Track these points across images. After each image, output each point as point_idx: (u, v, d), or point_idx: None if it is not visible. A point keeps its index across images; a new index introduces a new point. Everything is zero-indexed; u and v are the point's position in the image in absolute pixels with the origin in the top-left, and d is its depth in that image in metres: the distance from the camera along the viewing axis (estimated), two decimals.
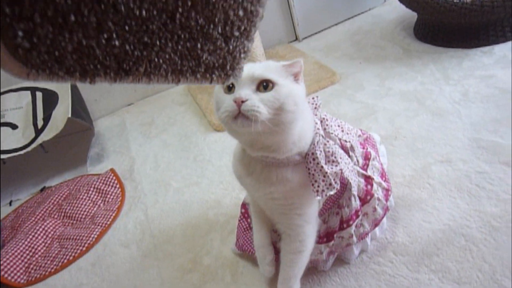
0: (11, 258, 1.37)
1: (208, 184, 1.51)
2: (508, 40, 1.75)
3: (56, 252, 1.42)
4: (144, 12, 0.43)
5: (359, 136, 1.11)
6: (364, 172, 1.01)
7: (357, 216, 0.98)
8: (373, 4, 2.52)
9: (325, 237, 0.99)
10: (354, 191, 0.97)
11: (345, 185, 0.97)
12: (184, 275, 1.19)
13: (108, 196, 1.60)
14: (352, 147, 0.99)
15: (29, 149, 1.65)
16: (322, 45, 2.28)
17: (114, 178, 1.66)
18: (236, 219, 1.20)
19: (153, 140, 1.89)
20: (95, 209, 1.57)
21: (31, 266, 1.38)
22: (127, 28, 0.42)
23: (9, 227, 1.58)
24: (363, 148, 1.06)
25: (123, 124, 2.10)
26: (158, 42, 0.45)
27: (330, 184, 0.83)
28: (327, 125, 0.92)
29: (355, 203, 0.97)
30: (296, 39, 2.45)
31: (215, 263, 1.20)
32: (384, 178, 1.08)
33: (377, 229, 1.06)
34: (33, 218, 1.54)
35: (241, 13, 0.51)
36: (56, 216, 1.55)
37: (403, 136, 1.42)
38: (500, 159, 1.22)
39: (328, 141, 0.86)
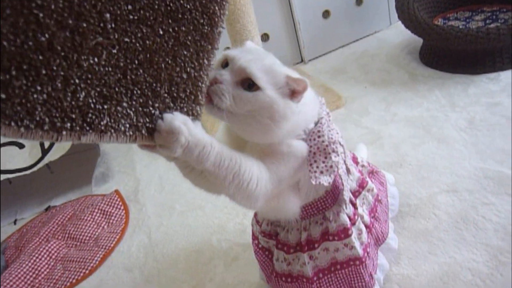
0: (14, 280, 1.37)
1: (211, 208, 1.51)
2: None
3: (59, 274, 1.42)
4: (101, 68, 0.49)
5: (363, 166, 1.09)
6: (351, 197, 0.95)
7: (346, 235, 0.89)
8: (379, 27, 2.54)
9: (305, 245, 0.91)
10: (346, 197, 0.89)
11: (336, 197, 0.89)
12: None
13: (112, 218, 1.60)
14: (348, 170, 0.95)
15: (35, 169, 1.66)
16: (328, 67, 2.29)
17: (118, 199, 1.67)
18: (239, 246, 1.19)
19: (158, 161, 1.89)
20: (99, 231, 1.57)
21: None
22: (88, 81, 0.48)
23: (13, 247, 1.58)
24: (361, 174, 1.02)
25: (129, 144, 2.11)
26: (115, 95, 0.51)
27: (331, 166, 0.77)
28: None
29: (344, 218, 0.89)
30: (302, 61, 2.46)
31: None
32: (372, 215, 1.01)
33: None
34: (37, 239, 1.54)
35: (184, 76, 0.58)
36: (60, 237, 1.55)
37: (409, 164, 1.42)
38: (507, 191, 1.21)
39: (333, 129, 0.81)
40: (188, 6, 0.59)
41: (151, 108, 0.55)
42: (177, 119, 0.57)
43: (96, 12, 0.48)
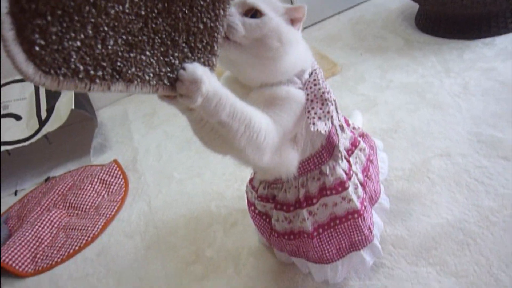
0: (18, 248, 1.40)
1: (210, 176, 1.53)
2: (509, 31, 1.75)
3: (62, 242, 1.45)
4: (126, 16, 0.51)
5: (354, 128, 1.10)
6: (346, 155, 0.97)
7: (343, 188, 0.92)
8: None
9: (304, 201, 0.93)
10: (342, 148, 0.93)
11: (331, 151, 0.92)
12: (187, 267, 1.22)
13: (112, 187, 1.63)
14: (342, 126, 0.97)
15: (33, 140, 1.67)
16: (323, 35, 2.28)
17: (117, 169, 1.69)
18: (238, 212, 1.22)
19: (156, 130, 1.90)
20: (99, 199, 1.60)
21: (38, 255, 1.41)
22: (116, 29, 0.50)
23: (15, 217, 1.61)
24: (353, 134, 1.04)
25: (126, 114, 2.12)
26: (139, 44, 0.53)
27: (328, 112, 0.80)
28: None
29: (341, 171, 0.92)
30: None
31: (217, 255, 1.23)
32: (365, 174, 1.03)
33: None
34: (38, 208, 1.56)
35: (201, 26, 0.60)
36: (61, 207, 1.58)
37: (403, 129, 1.44)
38: (499, 154, 1.23)
39: (324, 81, 0.84)
40: None
41: (171, 58, 0.57)
42: (199, 69, 0.58)
43: None
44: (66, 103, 1.72)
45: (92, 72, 0.48)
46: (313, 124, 0.79)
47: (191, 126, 0.76)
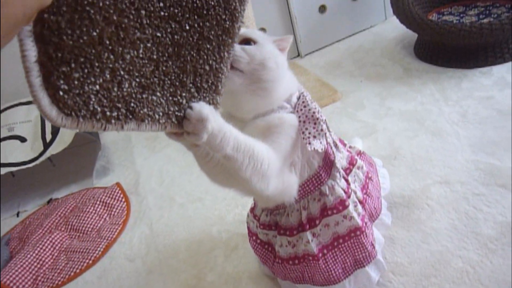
0: (19, 270, 1.41)
1: (211, 200, 1.55)
2: (506, 61, 1.80)
3: (63, 264, 1.45)
4: (140, 60, 0.55)
5: (350, 147, 1.13)
6: (344, 174, 0.99)
7: (344, 207, 0.95)
8: (374, 22, 2.57)
9: (307, 224, 0.95)
10: (340, 168, 0.95)
11: (329, 170, 0.95)
12: None
13: (114, 209, 1.64)
14: (336, 144, 1.00)
15: (37, 162, 1.69)
16: (323, 62, 2.33)
17: (119, 192, 1.70)
18: (239, 236, 1.23)
19: (158, 154, 1.92)
20: (101, 222, 1.61)
21: (39, 278, 1.42)
22: (130, 73, 0.54)
23: (17, 238, 1.62)
24: (349, 153, 1.06)
25: (128, 137, 2.14)
26: (151, 85, 0.57)
27: (322, 130, 0.84)
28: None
29: (340, 190, 0.95)
30: (299, 55, 2.50)
31: (218, 279, 1.23)
32: (364, 191, 1.05)
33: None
34: (40, 230, 1.57)
35: (207, 67, 0.64)
36: (63, 229, 1.59)
37: (403, 156, 1.46)
38: (497, 182, 1.25)
39: (313, 102, 0.88)
40: (212, 3, 0.64)
41: (179, 97, 0.61)
42: (205, 108, 0.62)
43: (134, 9, 0.54)
44: None
45: (108, 113, 0.51)
46: (309, 144, 0.82)
47: (197, 162, 0.79)
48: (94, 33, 0.48)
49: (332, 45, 2.51)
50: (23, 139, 1.76)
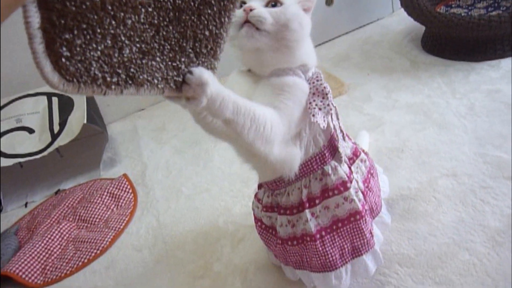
0: (28, 259, 1.42)
1: (218, 191, 1.56)
2: None
3: (71, 254, 1.47)
4: (141, 25, 0.55)
5: (355, 143, 1.13)
6: (347, 161, 1.00)
7: (345, 188, 0.95)
8: (382, 14, 2.56)
9: (306, 202, 0.96)
10: (342, 151, 0.95)
11: (333, 152, 0.96)
12: (195, 282, 1.24)
13: (121, 200, 1.65)
14: (342, 133, 1.00)
15: (45, 153, 1.70)
16: (331, 54, 2.32)
17: (126, 183, 1.71)
18: (246, 227, 1.24)
19: (165, 146, 1.93)
20: (108, 213, 1.62)
21: (48, 267, 1.43)
22: (131, 38, 0.54)
23: (26, 229, 1.63)
24: (354, 144, 1.07)
25: (135, 129, 2.15)
26: (151, 51, 0.57)
27: (328, 105, 0.85)
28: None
29: (343, 172, 0.95)
30: None
31: (225, 270, 1.24)
32: (366, 184, 1.05)
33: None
34: (48, 221, 1.59)
35: (207, 33, 0.64)
36: (71, 219, 1.60)
37: (410, 149, 1.46)
38: (504, 174, 1.25)
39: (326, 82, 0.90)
40: None
41: (178, 63, 0.61)
42: (205, 73, 0.62)
43: None
44: (78, 117, 1.75)
45: (108, 79, 0.52)
46: (313, 115, 0.83)
47: (193, 117, 0.83)
48: None
49: (339, 37, 2.50)
50: (31, 130, 1.77)
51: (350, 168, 1.00)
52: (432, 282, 1.04)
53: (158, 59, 0.58)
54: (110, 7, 0.50)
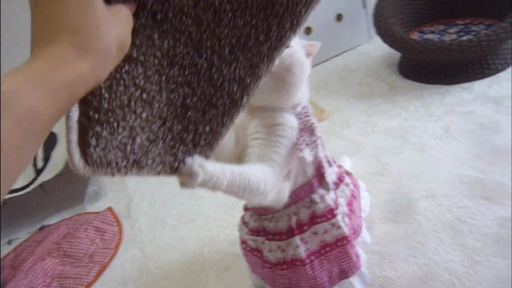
0: None
1: (203, 221, 1.56)
2: (486, 76, 1.85)
3: None
4: (152, 118, 0.60)
5: (339, 166, 1.16)
6: (332, 187, 1.03)
7: (332, 215, 0.98)
8: (359, 42, 2.64)
9: (296, 229, 0.99)
10: (329, 180, 0.99)
11: (321, 181, 0.99)
12: None
13: (106, 234, 1.65)
14: (329, 162, 1.04)
15: (29, 189, 1.70)
16: (311, 82, 2.36)
17: (111, 216, 1.71)
18: (231, 256, 1.24)
19: (149, 177, 1.93)
20: (93, 247, 1.61)
21: None
22: (144, 129, 0.59)
23: (9, 266, 1.61)
24: (338, 169, 1.11)
25: None
26: (156, 139, 0.61)
27: (315, 141, 0.89)
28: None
29: (330, 199, 0.99)
30: None
31: None
32: (349, 207, 1.08)
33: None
34: (32, 257, 1.57)
35: (207, 129, 0.68)
36: (55, 255, 1.59)
37: (390, 172, 1.49)
38: (481, 194, 1.28)
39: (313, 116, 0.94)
40: (228, 77, 0.68)
41: (176, 151, 0.65)
42: (195, 164, 0.66)
43: (158, 75, 0.60)
44: (62, 152, 1.76)
45: (120, 163, 0.55)
46: (300, 151, 0.87)
47: None
48: (124, 97, 0.54)
49: (318, 65, 2.56)
50: None
51: (335, 193, 1.03)
52: None
53: (160, 146, 0.62)
54: (133, 104, 0.55)
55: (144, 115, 0.57)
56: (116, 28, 0.45)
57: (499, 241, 1.13)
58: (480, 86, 1.81)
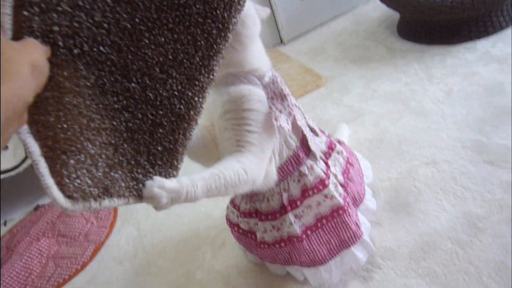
0: (7, 280, 1.38)
1: None
2: (490, 34, 1.77)
3: (51, 271, 1.43)
4: (104, 145, 0.61)
5: (329, 135, 1.11)
6: (322, 156, 1.00)
7: (324, 186, 0.95)
8: (356, 3, 2.53)
9: (288, 205, 0.96)
10: (317, 151, 0.96)
11: (307, 151, 0.95)
12: None
13: (101, 212, 1.62)
14: (313, 130, 0.99)
15: (20, 169, 1.66)
16: (307, 47, 2.29)
17: None
18: (226, 232, 1.21)
19: None
20: (88, 226, 1.58)
21: (27, 286, 1.39)
22: (102, 156, 0.60)
23: (5, 248, 1.59)
24: (328, 138, 1.06)
25: None
26: (114, 165, 0.62)
27: (288, 105, 0.85)
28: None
29: (319, 170, 0.95)
30: (282, 42, 2.45)
31: (207, 277, 1.21)
32: (346, 175, 1.04)
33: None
34: (27, 238, 1.55)
35: (159, 148, 0.68)
36: (50, 235, 1.56)
37: (389, 139, 1.44)
38: (484, 159, 1.23)
39: (284, 85, 0.89)
40: (166, 94, 0.68)
41: (135, 173, 0.65)
42: (155, 186, 0.64)
43: (95, 104, 0.61)
44: None
45: (93, 192, 0.56)
46: (276, 119, 0.82)
47: None
48: (76, 126, 0.56)
49: (315, 29, 2.47)
50: (4, 147, 1.73)
51: (327, 163, 0.99)
52: (415, 274, 1.02)
53: (120, 172, 0.62)
54: (85, 131, 0.57)
55: (97, 142, 0.59)
56: (24, 52, 0.48)
57: (504, 206, 1.08)
58: (483, 45, 1.73)
